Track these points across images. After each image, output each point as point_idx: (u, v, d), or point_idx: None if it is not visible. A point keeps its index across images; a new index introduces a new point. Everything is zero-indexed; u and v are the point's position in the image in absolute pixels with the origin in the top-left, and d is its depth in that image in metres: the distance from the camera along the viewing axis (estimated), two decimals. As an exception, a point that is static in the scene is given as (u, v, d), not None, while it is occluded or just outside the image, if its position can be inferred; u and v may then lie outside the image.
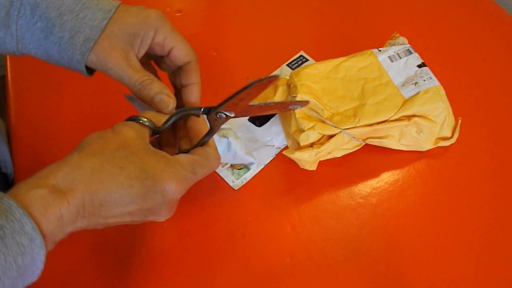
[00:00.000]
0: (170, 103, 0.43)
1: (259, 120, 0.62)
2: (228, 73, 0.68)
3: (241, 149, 0.55)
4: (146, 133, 0.40)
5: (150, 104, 0.44)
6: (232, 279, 0.51)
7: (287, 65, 0.68)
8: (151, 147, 0.40)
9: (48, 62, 0.45)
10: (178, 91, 0.49)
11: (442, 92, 0.58)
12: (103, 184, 0.36)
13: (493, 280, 0.51)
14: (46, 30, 0.41)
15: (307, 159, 0.56)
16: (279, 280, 0.51)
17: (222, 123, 0.43)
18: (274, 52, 0.70)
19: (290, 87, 0.58)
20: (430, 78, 0.58)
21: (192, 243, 0.53)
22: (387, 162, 0.60)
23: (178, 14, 0.75)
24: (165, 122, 0.43)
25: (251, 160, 0.57)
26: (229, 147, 0.54)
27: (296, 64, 0.68)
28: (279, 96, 0.58)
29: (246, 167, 0.58)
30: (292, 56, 0.69)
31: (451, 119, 0.59)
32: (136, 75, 0.42)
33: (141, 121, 0.41)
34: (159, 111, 0.44)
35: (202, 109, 0.43)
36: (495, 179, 0.59)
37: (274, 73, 0.67)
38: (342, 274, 0.51)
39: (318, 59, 0.64)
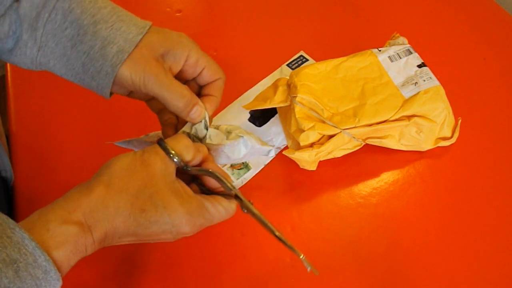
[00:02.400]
0: (203, 114, 0.44)
1: (259, 120, 0.62)
2: (228, 73, 0.67)
3: (257, 141, 0.53)
4: (173, 168, 0.40)
5: (185, 116, 0.43)
6: (232, 279, 0.51)
7: (287, 65, 0.68)
8: (177, 185, 0.39)
9: (65, 77, 0.43)
10: None
11: (442, 92, 0.58)
12: (124, 224, 0.37)
13: (493, 280, 0.51)
14: (75, 38, 0.39)
15: (307, 159, 0.56)
16: (279, 280, 0.51)
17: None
18: (274, 52, 0.70)
19: (290, 87, 0.58)
20: (430, 78, 0.58)
21: (192, 243, 0.53)
22: (387, 162, 0.60)
23: (178, 14, 0.75)
24: (193, 168, 0.42)
25: (270, 148, 0.54)
26: (246, 145, 0.52)
27: (296, 64, 0.68)
28: (279, 96, 0.58)
29: (246, 167, 0.58)
30: (292, 56, 0.69)
31: (451, 119, 0.59)
32: (177, 87, 0.41)
33: (171, 155, 0.39)
34: (191, 121, 0.44)
35: (234, 195, 0.43)
36: (495, 179, 0.59)
37: (274, 73, 0.67)
38: (342, 274, 0.51)
39: (318, 59, 0.64)
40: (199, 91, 0.47)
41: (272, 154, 0.57)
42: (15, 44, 0.40)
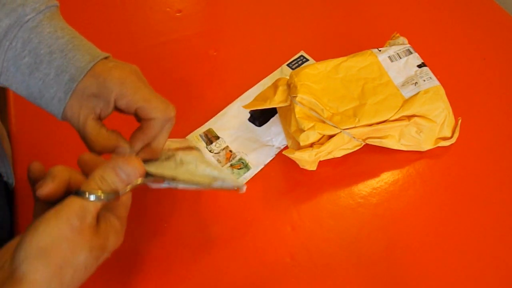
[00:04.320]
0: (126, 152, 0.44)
1: (259, 120, 0.62)
2: (228, 73, 0.68)
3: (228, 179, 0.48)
4: (93, 214, 0.37)
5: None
6: (232, 279, 0.51)
7: (288, 65, 0.68)
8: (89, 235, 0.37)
9: (27, 99, 0.44)
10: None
11: (442, 92, 0.58)
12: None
13: (493, 280, 0.51)
14: (32, 66, 0.41)
15: (307, 159, 0.56)
16: (279, 280, 0.51)
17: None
18: (274, 52, 0.70)
19: (290, 87, 0.59)
20: (430, 78, 0.58)
21: (192, 243, 0.53)
22: (387, 162, 0.60)
23: (178, 14, 0.75)
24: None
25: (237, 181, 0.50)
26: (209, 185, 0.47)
27: (297, 64, 0.68)
28: (279, 96, 0.58)
29: (245, 166, 0.58)
30: (292, 56, 0.69)
31: (451, 119, 0.59)
32: (93, 134, 0.43)
33: (86, 196, 0.37)
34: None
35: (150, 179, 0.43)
36: (495, 179, 0.59)
37: (274, 73, 0.67)
38: (342, 274, 0.51)
39: (318, 59, 0.65)
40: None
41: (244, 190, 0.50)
42: None
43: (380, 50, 0.61)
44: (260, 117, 0.63)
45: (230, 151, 0.60)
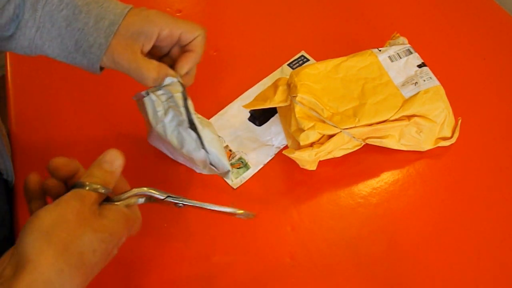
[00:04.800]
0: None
1: (259, 120, 0.62)
2: (228, 73, 0.68)
3: (218, 148, 0.49)
4: (91, 200, 0.38)
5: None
6: (232, 279, 0.51)
7: (288, 65, 0.68)
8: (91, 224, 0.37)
9: (57, 58, 0.47)
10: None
11: (442, 92, 0.58)
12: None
13: (493, 280, 0.51)
14: (70, 17, 0.44)
15: (307, 159, 0.56)
16: (279, 280, 0.51)
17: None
18: (275, 52, 0.70)
19: (290, 86, 0.59)
20: (430, 78, 0.58)
21: (191, 243, 0.53)
22: (387, 162, 0.60)
23: (178, 14, 0.75)
24: (123, 196, 0.41)
25: (226, 165, 0.50)
26: (202, 143, 0.48)
27: (297, 64, 0.68)
28: (279, 95, 0.58)
29: (245, 166, 0.58)
30: (293, 56, 0.69)
31: (451, 119, 0.59)
32: (146, 66, 0.46)
33: (87, 188, 0.38)
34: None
35: (166, 196, 0.43)
36: (495, 179, 0.59)
37: (275, 72, 0.67)
38: (342, 274, 0.51)
39: (319, 59, 0.64)
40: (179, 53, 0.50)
41: (230, 176, 0.52)
42: (16, 28, 0.45)
43: (380, 50, 0.61)
44: (260, 116, 0.63)
45: (230, 150, 0.60)
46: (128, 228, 0.39)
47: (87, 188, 0.38)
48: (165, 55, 0.51)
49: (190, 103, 0.48)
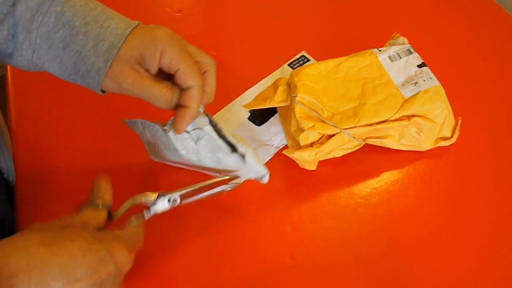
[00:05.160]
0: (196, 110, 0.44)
1: (259, 119, 0.62)
2: (228, 73, 0.68)
3: (256, 161, 0.49)
4: (101, 216, 0.40)
5: (171, 109, 0.44)
6: (232, 279, 0.51)
7: (289, 65, 0.68)
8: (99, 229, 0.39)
9: (60, 77, 0.44)
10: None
11: (442, 92, 0.58)
12: (55, 255, 0.33)
13: (493, 280, 0.51)
14: (67, 39, 0.41)
15: (307, 159, 0.56)
16: (279, 280, 0.51)
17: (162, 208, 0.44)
18: (275, 52, 0.70)
19: (290, 86, 0.59)
20: (430, 78, 0.58)
21: (191, 243, 0.53)
22: (387, 162, 0.60)
23: (178, 14, 0.75)
24: (119, 210, 0.42)
25: (265, 171, 0.50)
26: (243, 159, 0.48)
27: (298, 64, 0.68)
28: (279, 95, 0.58)
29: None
30: (293, 56, 0.69)
31: (451, 119, 0.59)
32: (154, 88, 0.42)
33: (95, 206, 0.40)
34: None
35: (157, 195, 0.43)
36: (495, 179, 0.59)
37: (275, 72, 0.67)
38: (342, 274, 0.51)
39: (319, 59, 0.64)
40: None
41: (267, 179, 0.51)
42: (14, 48, 0.42)
43: (380, 50, 0.61)
44: (260, 116, 0.62)
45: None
46: (122, 251, 0.37)
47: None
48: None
49: (221, 127, 0.46)
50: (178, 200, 0.44)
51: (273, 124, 0.62)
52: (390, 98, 0.57)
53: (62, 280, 0.33)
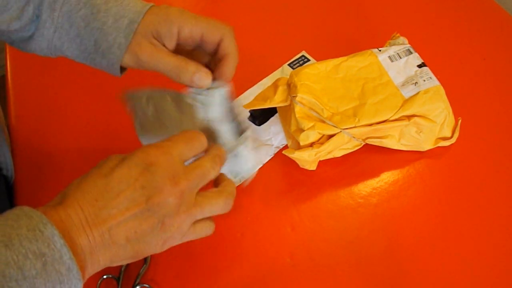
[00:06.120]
0: (208, 78, 0.45)
1: (259, 119, 0.62)
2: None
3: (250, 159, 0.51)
4: None
5: (190, 84, 0.45)
6: (232, 279, 0.51)
7: (289, 65, 0.68)
8: None
9: (77, 59, 0.46)
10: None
11: (442, 92, 0.58)
12: (89, 182, 0.37)
13: (493, 280, 0.51)
14: (89, 17, 0.43)
15: (307, 159, 0.56)
16: (279, 280, 0.51)
17: None
18: (275, 52, 0.70)
19: (290, 86, 0.59)
20: (430, 78, 0.58)
21: (191, 243, 0.53)
22: (387, 162, 0.60)
23: (178, 14, 0.75)
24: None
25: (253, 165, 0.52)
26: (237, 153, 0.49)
27: (298, 64, 0.68)
28: (279, 95, 0.58)
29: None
30: (293, 56, 0.69)
31: (451, 119, 0.59)
32: (171, 60, 0.44)
33: None
34: (199, 87, 0.45)
35: None
36: (495, 179, 0.59)
37: (275, 72, 0.67)
38: (342, 274, 0.51)
39: (319, 59, 0.64)
40: (214, 61, 0.47)
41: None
42: (36, 29, 0.44)
43: (380, 50, 0.61)
44: (260, 116, 0.62)
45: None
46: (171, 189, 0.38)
47: None
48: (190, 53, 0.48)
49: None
50: None
51: (273, 124, 0.62)
52: (390, 98, 0.57)
53: (104, 198, 0.36)
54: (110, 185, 0.36)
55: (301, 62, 0.68)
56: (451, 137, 0.60)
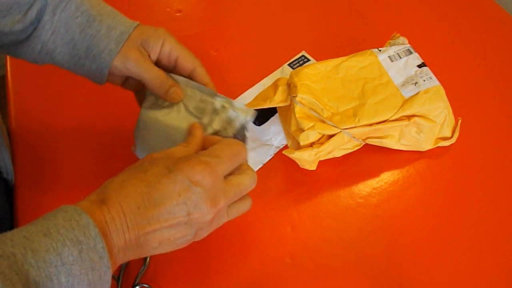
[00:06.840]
0: (180, 97, 0.49)
1: (259, 119, 0.62)
2: (228, 73, 0.68)
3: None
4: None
5: (164, 96, 0.49)
6: (232, 279, 0.51)
7: (289, 65, 0.68)
8: None
9: (66, 65, 0.49)
10: None
11: (442, 92, 0.58)
12: (133, 187, 0.38)
13: (493, 280, 0.51)
14: (84, 24, 0.47)
15: (307, 159, 0.56)
16: (279, 280, 0.51)
17: None
18: (275, 52, 0.70)
19: (290, 86, 0.59)
20: (430, 78, 0.58)
21: (191, 243, 0.53)
22: (387, 162, 0.60)
23: (178, 14, 0.75)
24: None
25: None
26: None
27: (298, 64, 0.68)
28: (279, 95, 0.58)
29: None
30: (293, 56, 0.69)
31: (451, 119, 0.59)
32: (154, 69, 0.48)
33: None
34: (171, 101, 0.49)
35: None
36: (495, 179, 0.59)
37: (275, 72, 0.67)
38: (342, 274, 0.51)
39: (319, 59, 0.64)
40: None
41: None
42: (33, 31, 0.47)
43: (380, 50, 0.61)
44: (260, 116, 0.62)
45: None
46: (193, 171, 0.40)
47: None
48: None
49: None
50: None
51: (273, 124, 0.62)
52: (390, 98, 0.57)
53: (145, 207, 0.38)
54: (153, 196, 0.38)
55: (301, 62, 0.68)
56: (451, 137, 0.60)
